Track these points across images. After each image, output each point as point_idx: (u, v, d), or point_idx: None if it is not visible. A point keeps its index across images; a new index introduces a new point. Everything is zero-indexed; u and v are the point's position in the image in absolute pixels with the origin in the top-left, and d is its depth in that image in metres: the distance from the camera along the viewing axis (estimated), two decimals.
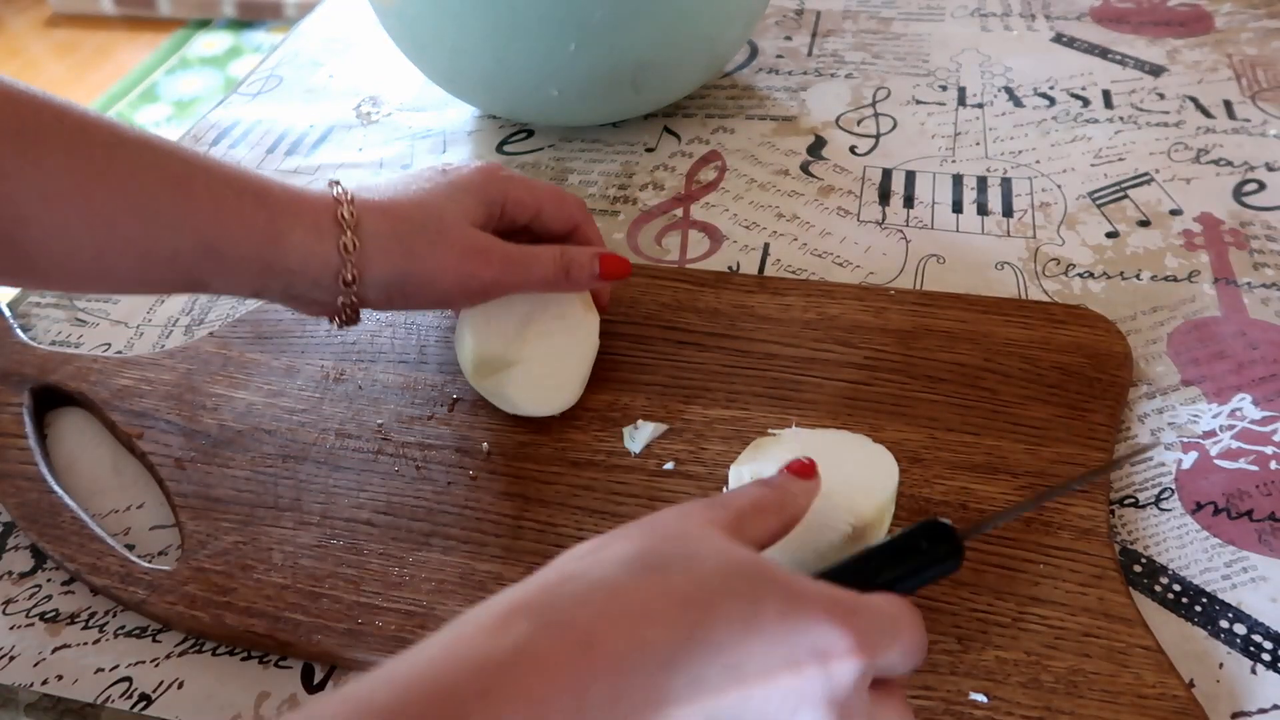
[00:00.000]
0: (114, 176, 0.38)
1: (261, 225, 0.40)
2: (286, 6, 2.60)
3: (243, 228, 0.40)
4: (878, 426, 0.47)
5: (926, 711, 0.37)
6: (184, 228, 0.39)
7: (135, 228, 0.39)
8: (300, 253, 0.41)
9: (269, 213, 0.41)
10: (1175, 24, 0.79)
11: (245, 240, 0.40)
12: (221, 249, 0.40)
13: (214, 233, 0.40)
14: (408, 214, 0.43)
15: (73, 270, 0.39)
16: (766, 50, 0.78)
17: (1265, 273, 0.56)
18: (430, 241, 0.43)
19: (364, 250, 0.42)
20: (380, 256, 0.42)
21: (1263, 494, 0.45)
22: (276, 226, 0.41)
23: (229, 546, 0.44)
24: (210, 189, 0.40)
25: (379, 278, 0.42)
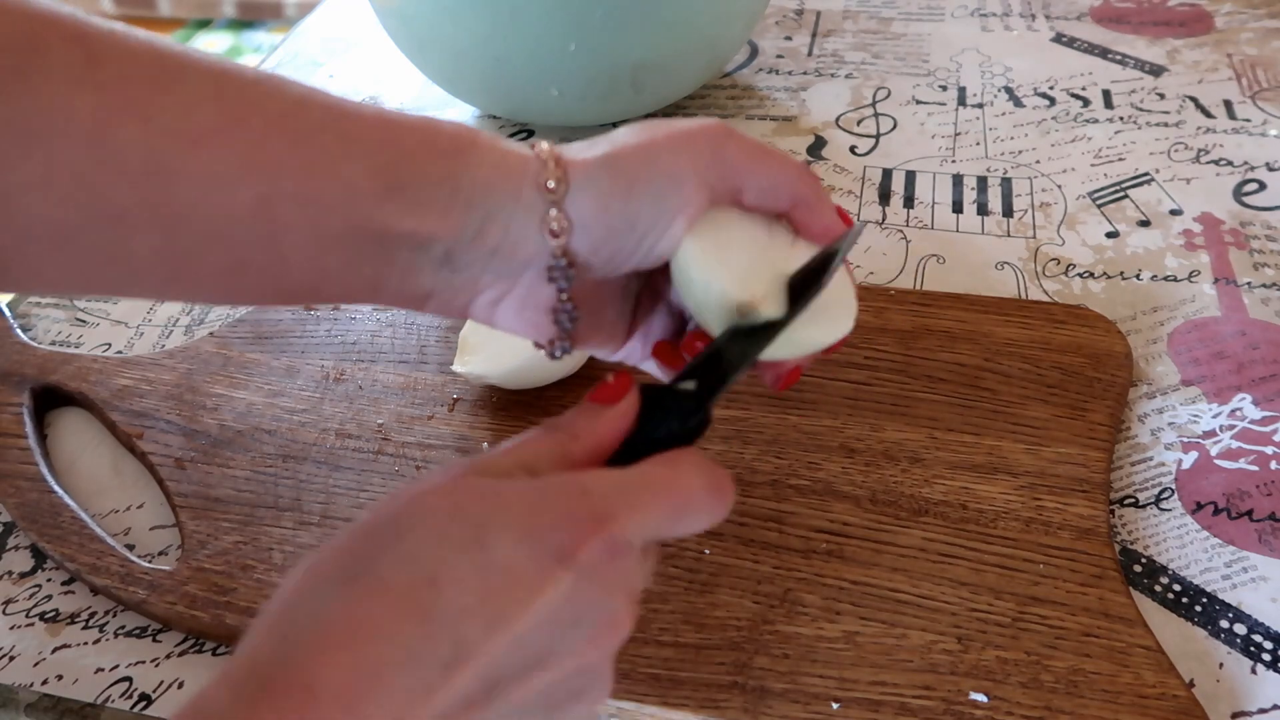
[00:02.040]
0: (271, 108, 0.31)
1: (443, 142, 0.33)
2: (286, 6, 2.60)
3: (422, 147, 0.33)
4: (878, 426, 0.47)
5: (926, 711, 0.37)
6: (355, 155, 0.32)
7: (299, 164, 0.31)
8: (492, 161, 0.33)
9: (451, 132, 0.34)
10: (1175, 24, 0.79)
11: (426, 162, 0.33)
12: (401, 174, 0.32)
13: (389, 155, 0.32)
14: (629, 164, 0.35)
15: (234, 238, 0.31)
16: (766, 50, 0.78)
17: (1265, 273, 0.56)
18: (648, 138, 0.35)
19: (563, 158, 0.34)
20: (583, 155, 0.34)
21: (1263, 494, 0.45)
22: (460, 143, 0.33)
23: (229, 546, 0.44)
24: (380, 115, 0.33)
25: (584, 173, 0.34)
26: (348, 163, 0.32)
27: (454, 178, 0.33)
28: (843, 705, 0.38)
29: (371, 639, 0.26)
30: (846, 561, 0.42)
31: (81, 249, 0.30)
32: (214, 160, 0.30)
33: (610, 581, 0.28)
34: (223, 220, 0.31)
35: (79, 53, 0.29)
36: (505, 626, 0.26)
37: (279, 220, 0.31)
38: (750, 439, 0.47)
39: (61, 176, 0.29)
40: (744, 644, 0.40)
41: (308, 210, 0.32)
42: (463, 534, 0.27)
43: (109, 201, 0.29)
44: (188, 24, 2.70)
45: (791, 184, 0.36)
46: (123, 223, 0.30)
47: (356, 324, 0.55)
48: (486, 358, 0.48)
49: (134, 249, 0.30)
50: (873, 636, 0.40)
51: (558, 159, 0.34)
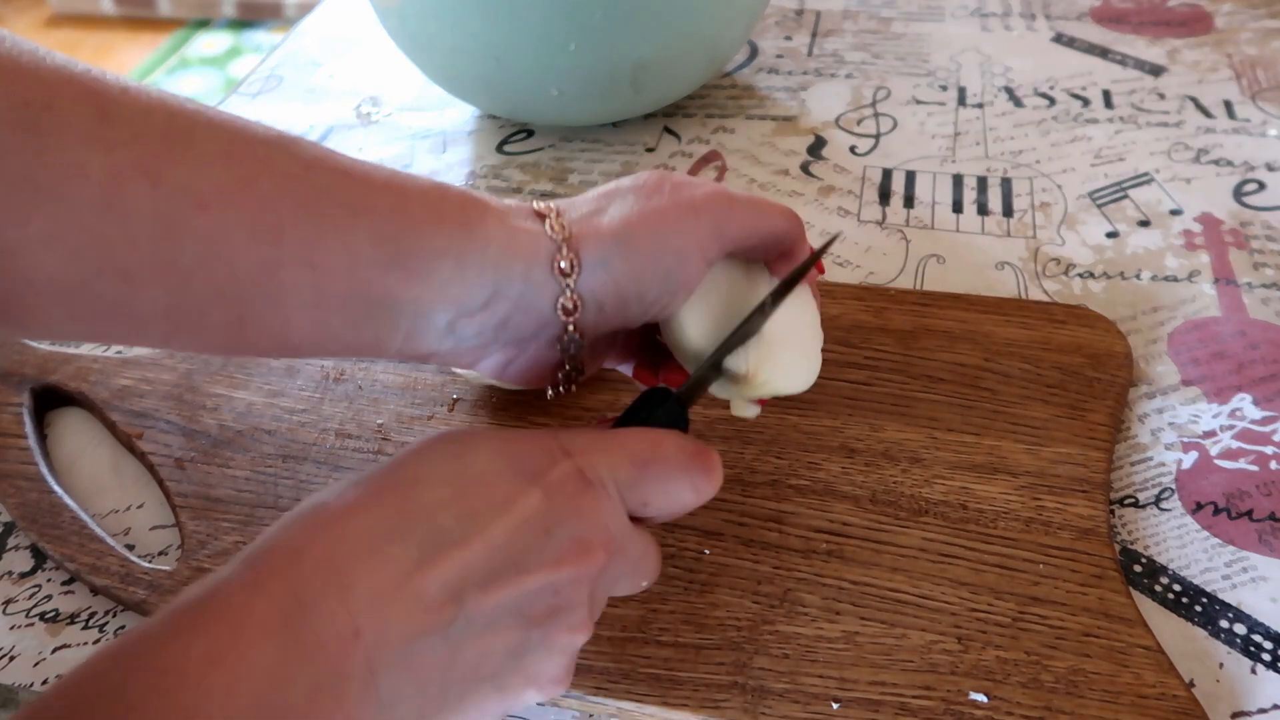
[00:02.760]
0: (278, 170, 0.32)
1: (452, 213, 0.34)
2: (286, 6, 2.60)
3: (430, 218, 0.34)
4: (878, 426, 0.47)
5: (926, 711, 0.37)
6: (361, 223, 0.33)
7: (303, 230, 0.32)
8: (502, 239, 0.35)
9: (460, 203, 0.35)
10: (1175, 24, 0.79)
11: (433, 234, 0.34)
12: (407, 245, 0.33)
13: (395, 225, 0.33)
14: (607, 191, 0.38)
15: (239, 297, 0.32)
16: (766, 50, 0.78)
17: (1265, 273, 0.56)
18: (644, 200, 0.37)
19: (575, 233, 0.36)
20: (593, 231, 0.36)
21: (1263, 494, 0.45)
22: (469, 215, 0.34)
23: (229, 546, 0.44)
24: (390, 181, 0.34)
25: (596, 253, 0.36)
26: (353, 230, 0.33)
27: (460, 251, 0.34)
28: (843, 705, 0.38)
29: (355, 518, 0.29)
30: (846, 561, 0.42)
31: (88, 303, 0.31)
32: (222, 222, 0.31)
33: (581, 509, 0.31)
34: (228, 280, 0.31)
35: (91, 111, 0.29)
36: (478, 524, 0.29)
37: (283, 283, 0.32)
38: (750, 439, 0.47)
39: (71, 233, 0.29)
40: (744, 644, 0.40)
41: (312, 274, 0.32)
42: (446, 449, 0.31)
43: (117, 259, 0.30)
44: (188, 24, 2.70)
45: (779, 242, 0.40)
46: (130, 279, 0.30)
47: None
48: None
49: (140, 304, 0.31)
50: (873, 636, 0.40)
51: (569, 240, 0.35)
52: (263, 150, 0.32)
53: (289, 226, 0.32)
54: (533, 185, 0.66)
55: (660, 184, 0.38)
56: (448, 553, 0.29)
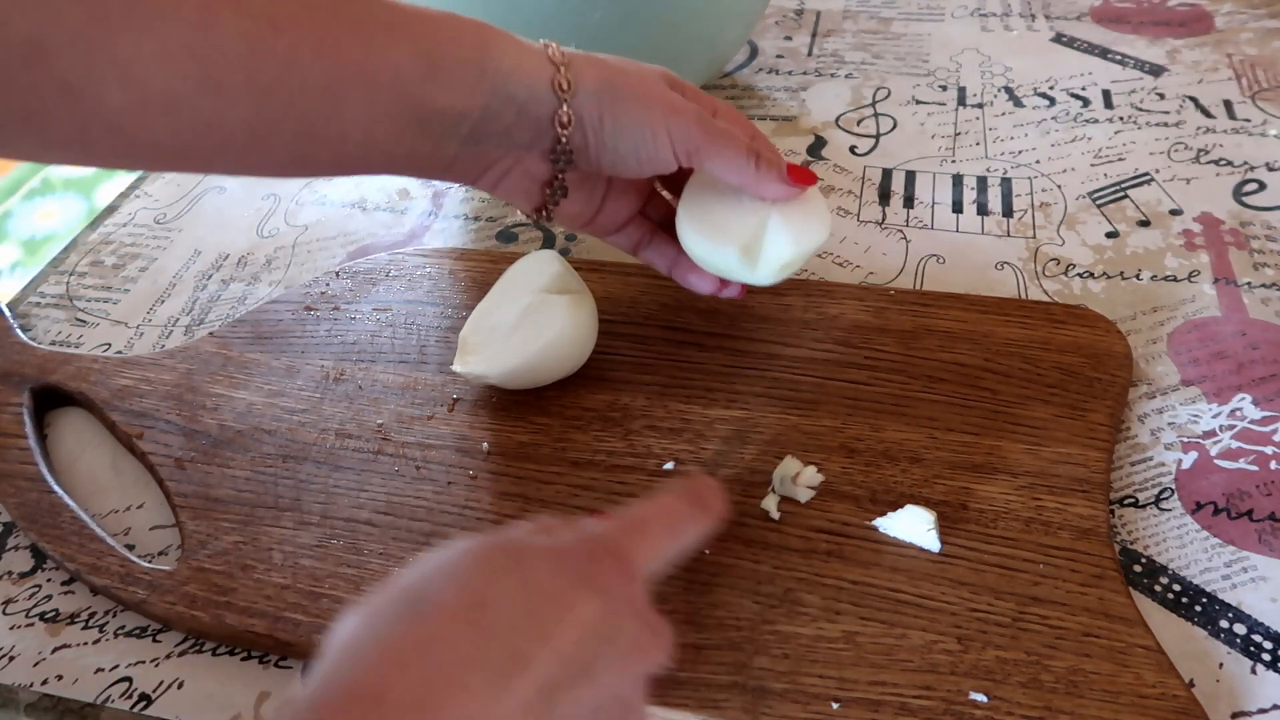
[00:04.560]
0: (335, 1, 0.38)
1: (471, 33, 0.41)
2: None
3: (453, 36, 0.40)
4: (878, 426, 0.47)
5: (926, 711, 0.37)
6: (400, 42, 0.39)
7: (357, 49, 0.38)
8: (512, 57, 0.41)
9: (475, 26, 0.41)
10: (1175, 24, 0.79)
11: (458, 49, 0.40)
12: (437, 59, 0.40)
13: (428, 43, 0.40)
14: (609, 58, 0.44)
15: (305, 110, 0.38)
16: (766, 50, 0.78)
17: (1265, 273, 0.56)
18: (636, 72, 0.44)
19: (573, 62, 0.42)
20: (589, 68, 0.42)
21: (1263, 494, 0.45)
22: (484, 35, 0.41)
23: (229, 546, 0.44)
24: (418, 9, 0.40)
25: (591, 86, 0.42)
26: (395, 49, 0.39)
27: (480, 63, 0.41)
28: (843, 705, 0.38)
29: (435, 651, 0.28)
30: (846, 561, 0.42)
31: (186, 116, 0.36)
32: (293, 43, 0.37)
33: (632, 605, 0.32)
34: (298, 92, 0.37)
35: None
36: (548, 640, 0.29)
37: (341, 95, 0.38)
38: (750, 439, 0.47)
39: (176, 50, 0.35)
40: (744, 644, 0.40)
41: (365, 87, 0.39)
42: (505, 564, 0.31)
43: (212, 74, 0.36)
44: None
45: (740, 169, 0.44)
46: (221, 94, 0.36)
47: (356, 324, 0.55)
48: (486, 358, 0.48)
49: (228, 118, 0.37)
50: (873, 636, 0.40)
51: (568, 63, 0.42)
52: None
53: (346, 47, 0.38)
54: None
55: (651, 76, 0.44)
56: (525, 673, 0.29)
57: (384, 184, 0.67)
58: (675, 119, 0.43)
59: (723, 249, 0.45)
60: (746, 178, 0.44)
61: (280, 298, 0.57)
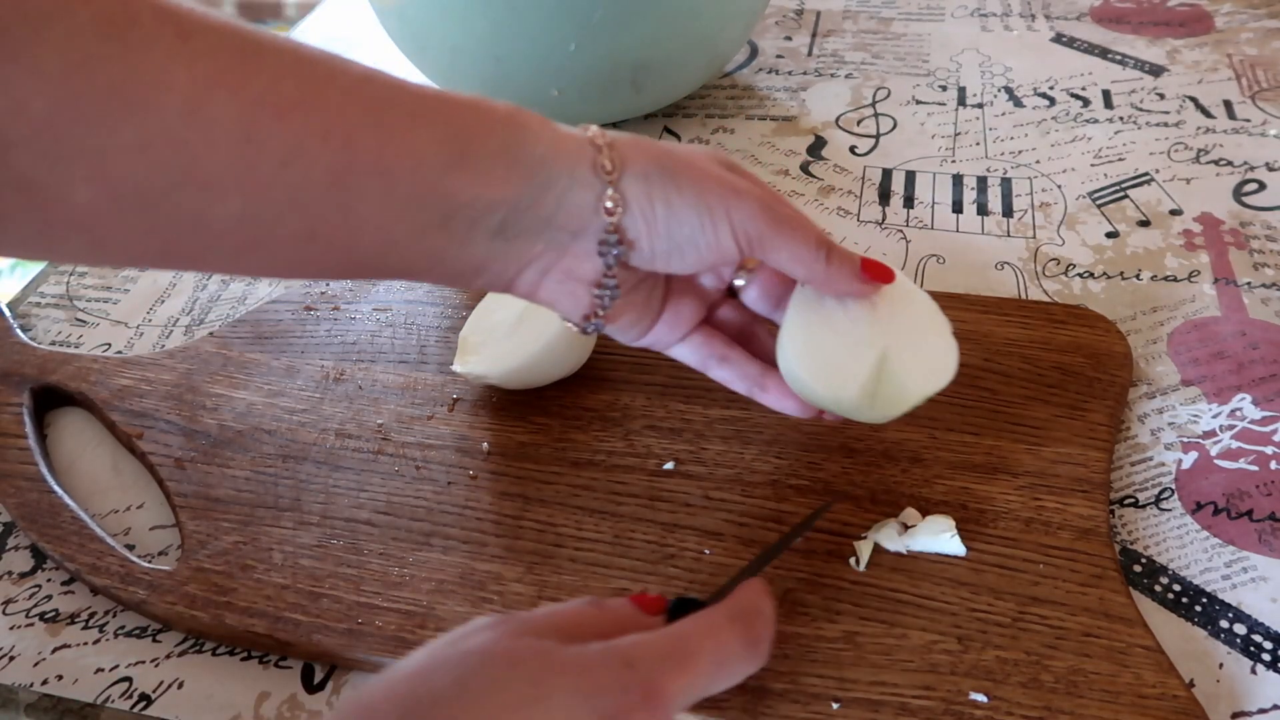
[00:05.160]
0: (343, 83, 0.33)
1: (501, 116, 0.36)
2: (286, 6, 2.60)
3: (482, 120, 0.35)
4: (878, 427, 0.47)
5: (926, 711, 0.37)
6: (421, 127, 0.34)
7: (372, 136, 0.33)
8: (547, 140, 0.36)
9: (506, 108, 0.36)
10: (1175, 24, 0.79)
11: (487, 134, 0.35)
12: (464, 144, 0.35)
13: (453, 128, 0.35)
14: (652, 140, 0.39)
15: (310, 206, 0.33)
16: (766, 50, 0.78)
17: (1265, 273, 0.56)
18: (687, 156, 0.38)
19: (618, 142, 0.37)
20: (634, 149, 0.37)
21: (1263, 494, 0.45)
22: (515, 118, 0.36)
23: (229, 546, 0.44)
24: (440, 92, 0.36)
25: (639, 168, 0.37)
26: (416, 133, 0.34)
27: (512, 148, 0.36)
28: (843, 705, 0.38)
29: None
30: (846, 561, 0.42)
31: (168, 213, 0.31)
32: (298, 129, 0.32)
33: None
34: (302, 187, 0.32)
35: (170, 27, 0.30)
36: None
37: (353, 188, 0.33)
38: (750, 439, 0.47)
39: (158, 141, 0.30)
40: None
41: (380, 179, 0.33)
42: (523, 690, 0.28)
43: (199, 167, 0.31)
44: None
45: (809, 264, 0.39)
46: (209, 189, 0.31)
47: (356, 324, 0.55)
48: (486, 358, 0.48)
49: (216, 215, 0.32)
50: (873, 636, 0.40)
51: (611, 144, 0.37)
52: (324, 64, 0.33)
53: (358, 132, 0.33)
54: None
55: (711, 158, 0.39)
56: None
57: None
58: (736, 201, 0.37)
59: (839, 391, 0.40)
60: (816, 272, 0.39)
61: (280, 298, 0.57)
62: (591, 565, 0.43)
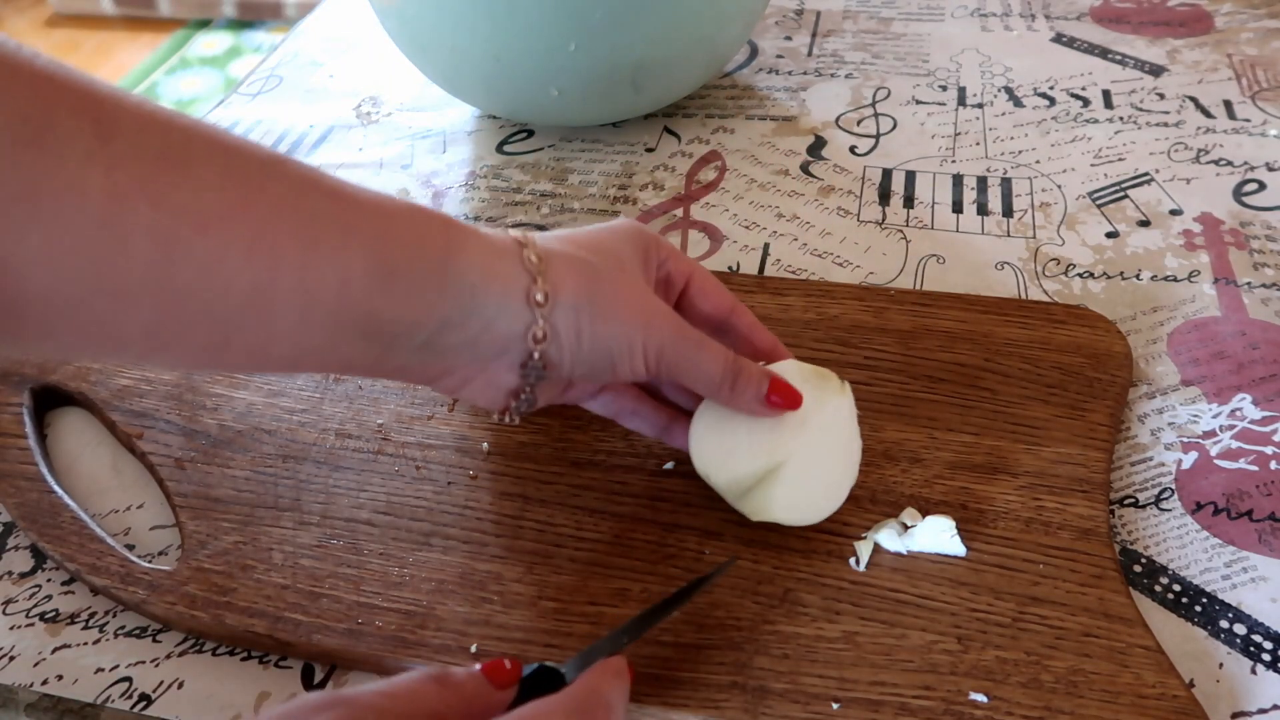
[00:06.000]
0: (274, 192, 0.32)
1: (435, 234, 0.35)
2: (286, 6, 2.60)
3: (415, 239, 0.35)
4: (878, 426, 0.47)
5: (926, 711, 0.37)
6: (352, 245, 0.33)
7: (298, 253, 0.32)
8: (481, 264, 0.36)
9: (442, 224, 0.36)
10: (1175, 24, 0.79)
11: (419, 255, 0.35)
12: (395, 266, 0.34)
13: (385, 246, 0.34)
14: (584, 243, 0.39)
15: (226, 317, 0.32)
16: (766, 50, 0.78)
17: (1265, 273, 0.56)
18: (614, 271, 0.39)
19: (550, 268, 0.37)
20: (568, 274, 0.37)
21: (1263, 494, 0.45)
22: (451, 237, 0.36)
23: (229, 546, 0.44)
24: (377, 203, 0.35)
25: (569, 298, 0.37)
26: (346, 251, 0.33)
27: (444, 273, 0.35)
28: (843, 705, 0.38)
29: None
30: (846, 561, 0.42)
31: (76, 320, 0.30)
32: (220, 244, 0.31)
33: None
34: (219, 301, 0.31)
35: (89, 125, 0.29)
36: None
37: (273, 304, 0.32)
38: None
39: (68, 250, 0.28)
40: (744, 644, 0.40)
41: (303, 296, 0.33)
42: None
43: (112, 277, 0.29)
44: (188, 24, 2.70)
45: (714, 389, 0.41)
46: (122, 298, 0.30)
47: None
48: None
49: (126, 323, 0.31)
50: (873, 636, 0.40)
51: (544, 268, 0.37)
52: (258, 171, 0.32)
53: (285, 250, 0.32)
54: (533, 185, 0.66)
55: (644, 255, 0.41)
56: None
57: (383, 184, 0.67)
58: (653, 333, 0.38)
59: (715, 473, 0.42)
60: (721, 396, 0.41)
61: None
62: (591, 565, 0.43)
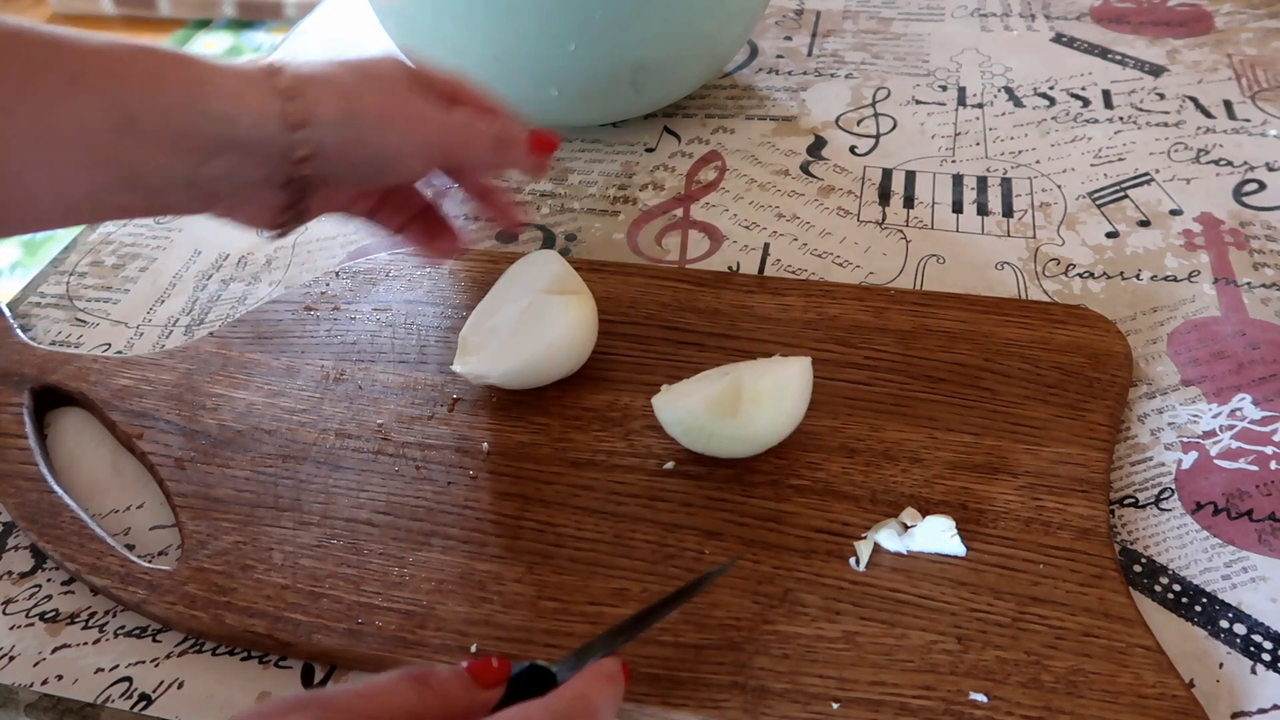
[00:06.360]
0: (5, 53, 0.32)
1: (172, 73, 0.34)
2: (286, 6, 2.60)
3: (152, 81, 0.34)
4: (878, 426, 0.47)
5: (926, 711, 0.37)
6: (83, 93, 0.33)
7: (32, 104, 0.32)
8: (228, 95, 0.35)
9: (177, 62, 0.35)
10: (1175, 24, 0.79)
11: (158, 97, 0.34)
12: (135, 113, 0.33)
13: (123, 89, 0.33)
14: (348, 65, 0.39)
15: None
16: (766, 50, 0.78)
17: (1265, 273, 0.56)
18: (378, 91, 0.39)
19: (306, 89, 0.37)
20: (326, 93, 0.37)
21: (1263, 494, 0.45)
22: (190, 73, 0.35)
23: (229, 546, 0.44)
24: (103, 48, 0.34)
25: (331, 115, 0.37)
26: (78, 98, 0.33)
27: (188, 105, 0.35)
28: (843, 705, 0.38)
29: None
30: (846, 561, 0.42)
31: None
32: None
33: None
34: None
35: None
36: None
37: (21, 155, 0.32)
38: None
39: None
40: (744, 644, 0.40)
41: (44, 147, 0.32)
42: None
43: None
44: (188, 24, 2.70)
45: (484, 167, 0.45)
46: None
47: (356, 324, 0.55)
48: (486, 358, 0.48)
49: None
50: (873, 636, 0.40)
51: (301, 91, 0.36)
52: None
53: (13, 100, 0.32)
54: (533, 185, 0.66)
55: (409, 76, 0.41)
56: None
57: None
58: (419, 134, 0.40)
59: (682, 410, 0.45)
60: (497, 162, 0.44)
61: (280, 298, 0.57)
62: (591, 565, 0.43)
